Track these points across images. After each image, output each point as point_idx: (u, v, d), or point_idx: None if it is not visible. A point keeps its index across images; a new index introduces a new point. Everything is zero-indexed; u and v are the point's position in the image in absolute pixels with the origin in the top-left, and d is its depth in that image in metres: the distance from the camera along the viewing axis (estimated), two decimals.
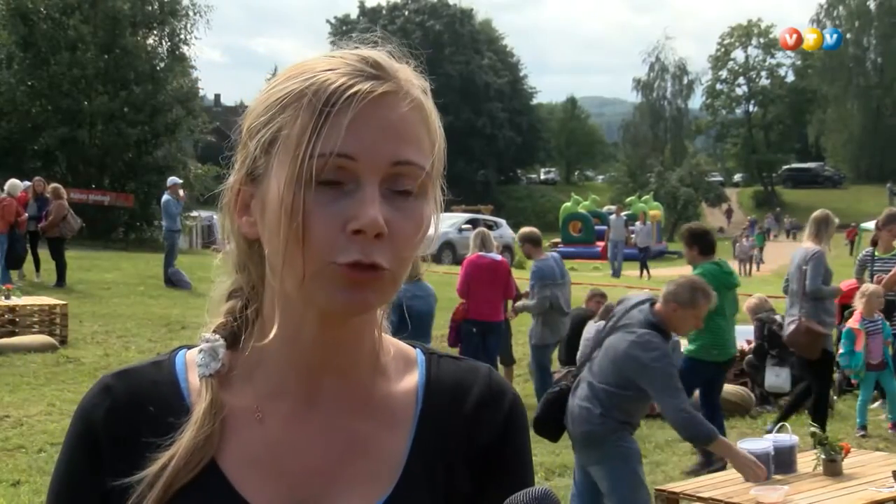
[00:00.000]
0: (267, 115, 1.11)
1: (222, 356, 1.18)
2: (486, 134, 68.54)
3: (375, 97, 1.08)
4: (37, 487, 7.28)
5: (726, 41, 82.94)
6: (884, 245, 10.84)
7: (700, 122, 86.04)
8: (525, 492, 1.07)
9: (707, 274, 7.68)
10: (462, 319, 10.53)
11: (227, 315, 1.21)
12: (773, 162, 78.78)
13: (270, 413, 1.16)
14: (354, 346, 1.17)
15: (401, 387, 1.21)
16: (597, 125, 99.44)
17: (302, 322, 1.13)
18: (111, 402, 1.17)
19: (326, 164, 1.06)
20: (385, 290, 1.10)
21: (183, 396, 1.18)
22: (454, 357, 1.27)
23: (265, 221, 1.11)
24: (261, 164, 1.11)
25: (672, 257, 43.91)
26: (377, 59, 1.12)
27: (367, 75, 1.10)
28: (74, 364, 11.93)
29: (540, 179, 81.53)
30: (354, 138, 1.06)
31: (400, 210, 1.09)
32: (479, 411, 1.21)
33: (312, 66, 1.12)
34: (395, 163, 1.08)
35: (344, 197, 1.07)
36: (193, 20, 34.43)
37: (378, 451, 1.17)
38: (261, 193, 1.12)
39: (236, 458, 1.14)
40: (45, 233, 17.32)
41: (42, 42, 31.16)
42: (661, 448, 8.94)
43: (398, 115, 1.10)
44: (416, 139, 1.11)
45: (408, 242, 1.10)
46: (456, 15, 71.53)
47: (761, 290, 17.14)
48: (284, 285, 1.11)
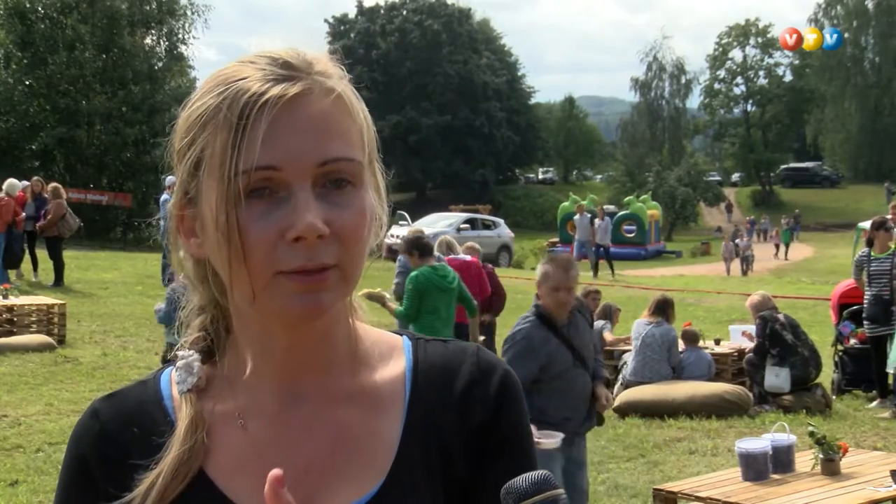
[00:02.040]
0: (190, 136, 1.10)
1: (197, 370, 1.18)
2: (484, 133, 68.46)
3: (290, 99, 1.06)
4: (34, 487, 7.27)
5: (724, 41, 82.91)
6: (880, 245, 10.87)
7: (698, 121, 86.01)
8: (524, 476, 1.05)
9: (421, 276, 8.17)
10: None
11: (200, 330, 1.21)
12: (771, 161, 78.77)
13: (253, 417, 1.16)
14: (326, 343, 1.15)
15: (386, 374, 1.20)
16: (595, 125, 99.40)
17: (267, 332, 1.13)
18: (100, 426, 1.19)
19: (250, 179, 1.04)
20: (338, 288, 1.08)
21: (168, 413, 1.18)
22: (442, 340, 1.25)
23: (206, 242, 1.11)
24: (192, 186, 1.10)
25: (670, 257, 43.93)
26: (286, 59, 1.09)
27: (279, 77, 1.07)
28: (72, 364, 11.92)
29: (538, 179, 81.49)
30: (274, 148, 1.04)
31: (339, 205, 1.07)
32: (469, 390, 1.19)
33: (227, 75, 1.09)
34: (322, 163, 1.06)
35: (278, 206, 1.05)
36: (191, 20, 34.49)
37: (369, 439, 1.16)
38: (200, 215, 1.11)
39: (224, 465, 1.14)
40: (43, 232, 17.31)
41: (40, 41, 31.18)
42: (658, 448, 8.94)
43: (317, 113, 1.07)
44: (340, 132, 1.08)
45: (353, 235, 1.08)
46: (454, 14, 71.43)
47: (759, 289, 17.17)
48: (237, 302, 1.11)
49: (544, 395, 5.60)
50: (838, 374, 11.74)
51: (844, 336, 11.78)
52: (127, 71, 31.51)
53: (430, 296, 8.12)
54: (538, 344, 5.62)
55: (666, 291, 15.57)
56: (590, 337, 5.94)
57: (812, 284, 26.52)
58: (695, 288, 25.61)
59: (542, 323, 5.66)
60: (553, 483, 1.06)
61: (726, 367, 11.39)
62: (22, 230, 17.19)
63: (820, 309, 18.50)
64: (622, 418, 10.09)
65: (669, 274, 32.75)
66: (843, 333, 11.79)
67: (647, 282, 27.33)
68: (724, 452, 8.60)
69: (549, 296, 5.66)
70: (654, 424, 9.79)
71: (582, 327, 5.83)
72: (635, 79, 79.84)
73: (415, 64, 68.02)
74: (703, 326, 13.83)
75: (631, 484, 7.72)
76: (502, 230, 33.68)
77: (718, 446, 8.92)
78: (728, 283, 28.40)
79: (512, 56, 78.82)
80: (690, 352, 11.03)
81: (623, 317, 13.10)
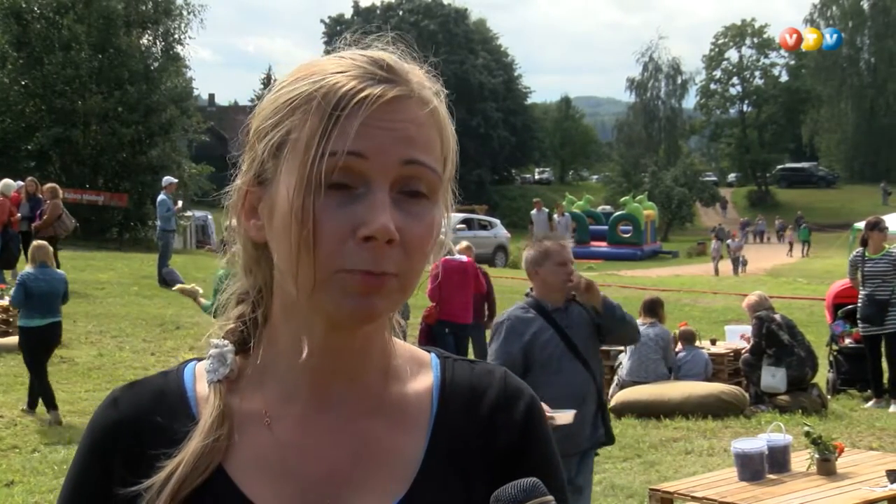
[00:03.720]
0: (276, 118, 1.09)
1: (231, 361, 1.17)
2: (481, 134, 68.49)
3: (386, 101, 1.06)
4: (30, 487, 7.27)
5: (720, 41, 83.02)
6: (874, 245, 10.90)
7: (694, 121, 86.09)
8: (513, 483, 1.06)
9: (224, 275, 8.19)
10: (435, 321, 10.81)
11: (237, 319, 1.20)
12: (767, 162, 78.88)
13: (280, 417, 1.15)
14: (364, 352, 1.15)
15: (414, 389, 1.19)
16: (591, 125, 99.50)
17: (310, 328, 1.11)
18: (119, 414, 1.17)
19: (336, 163, 1.04)
20: (393, 297, 1.07)
21: (190, 406, 1.17)
22: (469, 360, 1.25)
23: (273, 226, 1.09)
24: (269, 168, 1.10)
25: (666, 257, 43.96)
26: (389, 62, 1.10)
27: (379, 78, 1.08)
28: (68, 364, 11.92)
29: (534, 179, 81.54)
30: (364, 139, 1.04)
31: (411, 215, 1.07)
32: (494, 415, 1.19)
33: (322, 67, 1.09)
34: (407, 162, 1.06)
35: (354, 201, 1.05)
36: (187, 20, 34.46)
37: (392, 453, 1.15)
38: (269, 197, 1.10)
39: (245, 462, 1.13)
40: (39, 232, 17.28)
41: (36, 41, 31.12)
42: (655, 448, 8.95)
43: (409, 119, 1.08)
44: (427, 143, 1.09)
45: (419, 248, 1.07)
46: (450, 15, 71.49)
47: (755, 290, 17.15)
48: (293, 292, 1.09)
49: (534, 387, 5.31)
50: (833, 373, 11.76)
51: (839, 336, 11.80)
52: (123, 71, 31.44)
53: None
54: (521, 325, 5.29)
55: (662, 292, 15.58)
56: (589, 331, 5.43)
57: (808, 285, 26.54)
58: (691, 288, 25.62)
59: (529, 307, 5.37)
60: (542, 490, 1.06)
61: (722, 367, 11.40)
62: (18, 230, 17.17)
63: (816, 309, 18.51)
64: (618, 418, 10.09)
65: (665, 274, 32.77)
66: (837, 333, 11.82)
67: (643, 282, 27.34)
68: (720, 452, 8.61)
69: (553, 273, 5.30)
70: (650, 424, 9.80)
71: (577, 316, 5.39)
72: (631, 79, 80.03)
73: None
74: (700, 327, 13.85)
75: (627, 484, 7.72)
76: (499, 230, 33.70)
77: (714, 446, 8.93)
78: (724, 284, 28.42)
79: (508, 56, 78.90)
80: (688, 352, 11.04)
81: None
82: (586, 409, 5.24)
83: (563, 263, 5.31)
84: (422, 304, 11.50)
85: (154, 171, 30.51)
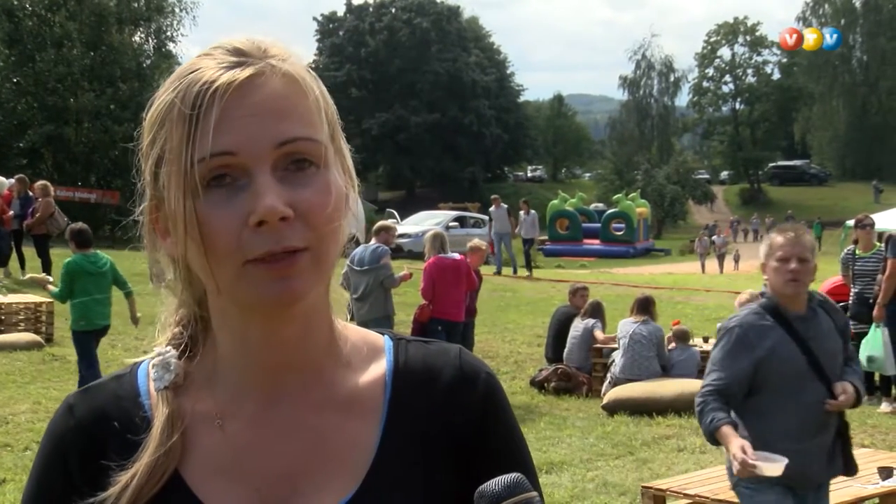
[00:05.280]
0: (151, 135, 1.09)
1: (175, 367, 1.16)
2: (473, 131, 68.45)
3: (241, 84, 1.04)
4: (22, 486, 7.24)
5: (712, 39, 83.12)
6: (864, 244, 10.94)
7: (686, 119, 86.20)
8: (497, 479, 1.05)
9: (72, 262, 9.45)
10: (428, 319, 10.83)
11: (178, 326, 1.19)
12: (760, 159, 78.98)
13: (232, 417, 1.13)
14: (307, 340, 1.13)
15: (367, 375, 1.17)
16: (584, 123, 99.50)
17: (245, 325, 1.10)
18: (75, 421, 1.16)
19: (208, 167, 1.02)
20: (310, 271, 1.05)
21: (144, 409, 1.15)
22: (423, 340, 1.22)
23: (176, 239, 1.09)
24: (159, 185, 1.09)
25: (659, 255, 44.01)
26: (238, 46, 1.08)
27: (230, 64, 1.06)
28: (60, 362, 11.89)
29: (527, 177, 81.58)
30: (228, 133, 1.03)
31: (302, 185, 1.05)
32: (451, 394, 1.17)
33: (182, 70, 1.09)
34: (280, 144, 1.04)
35: (238, 193, 1.03)
36: (179, 17, 34.41)
37: (346, 444, 1.13)
38: (167, 213, 1.09)
39: (200, 467, 1.12)
40: (31, 230, 17.25)
41: (28, 39, 31.07)
42: (647, 445, 8.96)
43: (270, 95, 1.05)
44: (297, 113, 1.06)
45: (320, 215, 1.05)
46: (443, 12, 71.40)
47: (747, 287, 17.14)
48: (213, 294, 1.10)
49: (760, 413, 4.29)
50: None
51: None
52: (115, 68, 31.40)
53: (80, 279, 9.38)
54: (755, 335, 4.26)
55: (654, 289, 15.61)
56: (836, 345, 4.39)
57: None
58: (683, 286, 25.65)
59: (766, 312, 4.33)
60: (526, 486, 1.05)
61: None
62: (10, 228, 17.12)
63: None
64: (611, 416, 10.11)
65: (658, 272, 32.80)
66: None
67: (635, 280, 27.36)
68: (712, 450, 8.60)
69: (775, 274, 4.28)
70: (642, 422, 9.81)
71: (825, 327, 4.35)
72: (624, 77, 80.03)
73: (403, 62, 67.96)
74: (692, 324, 13.86)
75: (620, 481, 7.73)
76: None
77: (707, 444, 8.92)
78: (716, 282, 28.46)
79: (501, 54, 78.89)
80: (680, 350, 11.06)
81: (612, 315, 13.11)
82: (824, 439, 4.34)
83: (787, 259, 4.26)
84: (413, 301, 11.51)
85: None
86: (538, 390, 11.54)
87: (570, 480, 7.73)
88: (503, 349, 14.35)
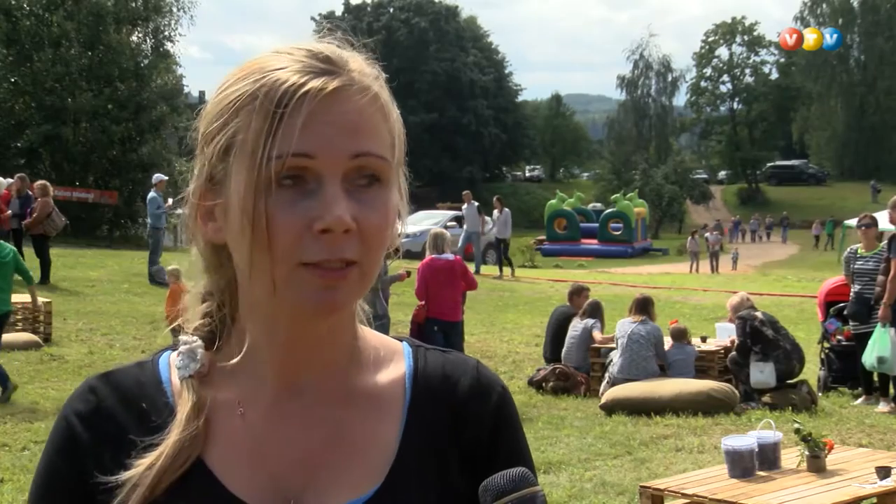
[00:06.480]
0: (221, 120, 1.10)
1: (201, 356, 1.17)
2: (472, 131, 68.49)
3: (328, 93, 1.07)
4: (20, 486, 7.24)
5: (710, 38, 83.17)
6: (866, 243, 10.95)
7: (684, 119, 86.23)
8: (502, 473, 1.08)
9: None
10: (424, 319, 10.83)
11: (204, 316, 1.20)
12: (758, 159, 79.05)
13: (252, 407, 1.15)
14: (331, 343, 1.16)
15: (387, 378, 1.20)
16: (581, 122, 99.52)
17: (275, 323, 1.12)
18: (97, 402, 1.17)
19: (284, 165, 1.05)
20: (355, 287, 1.09)
21: (167, 396, 1.17)
22: (442, 350, 1.26)
23: (229, 228, 1.10)
24: (219, 170, 1.11)
25: (657, 254, 44.03)
26: (326, 53, 1.11)
27: (318, 71, 1.08)
28: (58, 362, 11.89)
29: (525, 177, 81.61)
30: (310, 137, 1.05)
31: (365, 203, 1.08)
32: (466, 404, 1.20)
33: (262, 64, 1.10)
34: (355, 155, 1.07)
35: (306, 197, 1.06)
36: (177, 16, 34.38)
37: (367, 440, 1.16)
38: (223, 199, 1.11)
39: (221, 453, 1.14)
40: (29, 230, 17.25)
41: (25, 38, 31.01)
42: (645, 445, 8.96)
43: (353, 109, 1.08)
44: (373, 131, 1.10)
45: (377, 234, 1.09)
46: (441, 12, 71.43)
47: (745, 287, 17.24)
48: (255, 291, 1.11)
49: None
50: (824, 371, 11.79)
51: (830, 333, 11.83)
52: (113, 68, 31.34)
53: None
54: None
55: (652, 289, 15.61)
56: None
57: (798, 282, 26.60)
58: (681, 286, 25.67)
59: None
60: (531, 480, 1.07)
61: (713, 364, 11.42)
62: (8, 228, 17.12)
63: (806, 306, 18.56)
64: (609, 415, 10.12)
65: (656, 272, 32.81)
66: (829, 331, 11.85)
67: (633, 279, 27.38)
68: (710, 450, 8.62)
69: None
70: (640, 422, 9.81)
71: None
72: (622, 77, 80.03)
73: (402, 62, 67.92)
74: (690, 324, 13.87)
75: (618, 481, 7.73)
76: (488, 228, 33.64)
77: (705, 443, 8.94)
78: (714, 281, 28.48)
79: (499, 54, 78.87)
80: (678, 349, 11.07)
81: (610, 315, 13.12)
82: None
83: None
84: (411, 301, 11.50)
85: (144, 168, 30.42)
86: (536, 390, 11.54)
87: (568, 480, 7.73)
88: (501, 349, 14.36)
